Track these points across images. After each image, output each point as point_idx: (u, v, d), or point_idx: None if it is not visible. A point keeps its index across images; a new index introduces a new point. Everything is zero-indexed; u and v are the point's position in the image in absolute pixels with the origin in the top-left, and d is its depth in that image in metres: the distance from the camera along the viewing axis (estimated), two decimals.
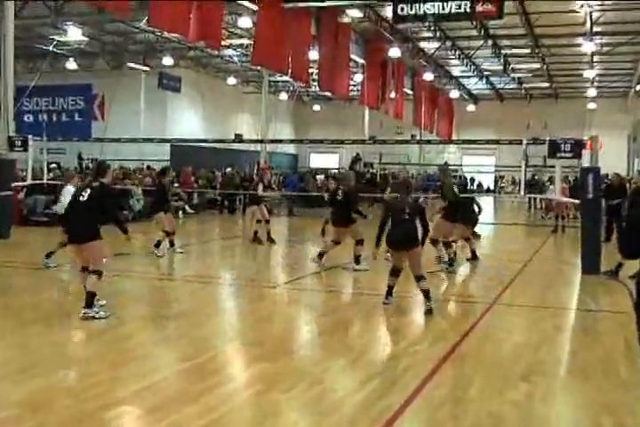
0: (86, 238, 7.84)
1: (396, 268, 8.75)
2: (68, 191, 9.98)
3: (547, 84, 41.87)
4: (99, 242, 7.88)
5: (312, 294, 10.01)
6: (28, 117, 39.63)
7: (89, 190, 7.91)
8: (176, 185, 22.29)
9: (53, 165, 21.02)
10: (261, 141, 27.29)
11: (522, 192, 17.05)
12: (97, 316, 7.62)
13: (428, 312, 8.27)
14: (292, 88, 39.83)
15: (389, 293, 8.77)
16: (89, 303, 7.66)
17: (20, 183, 17.49)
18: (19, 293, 9.24)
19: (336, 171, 37.60)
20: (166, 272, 11.95)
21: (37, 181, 17.96)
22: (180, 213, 22.67)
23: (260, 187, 15.46)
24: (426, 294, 8.45)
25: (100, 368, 5.92)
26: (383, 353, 6.88)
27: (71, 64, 35.90)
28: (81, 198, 7.90)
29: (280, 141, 26.30)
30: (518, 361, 6.47)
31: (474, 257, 13.14)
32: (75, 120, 40.43)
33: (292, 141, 42.99)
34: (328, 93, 38.85)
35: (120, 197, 20.48)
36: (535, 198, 28.77)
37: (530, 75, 39.09)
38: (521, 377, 5.94)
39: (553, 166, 15.79)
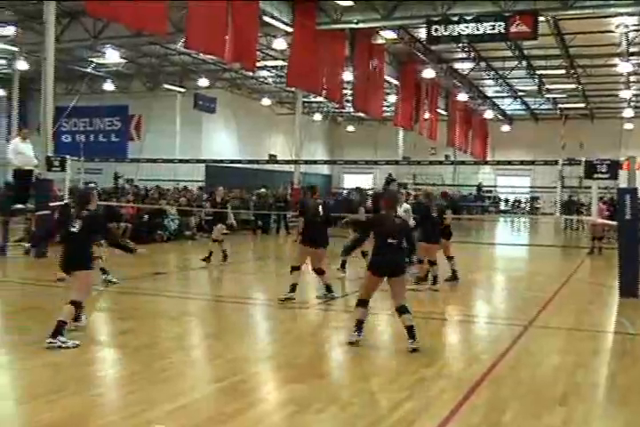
0: (74, 267, 7.68)
1: (364, 298, 7.87)
2: None
3: (582, 105, 41.57)
4: (86, 272, 7.72)
5: (344, 316, 9.96)
6: (66, 138, 40.27)
7: (79, 221, 7.77)
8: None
9: (93, 185, 21.24)
10: (295, 162, 27.38)
11: (557, 213, 16.87)
12: (64, 345, 7.14)
13: (414, 351, 7.36)
14: (325, 109, 40.04)
15: (360, 327, 7.76)
16: (56, 332, 7.20)
17: (58, 203, 17.71)
18: (54, 311, 9.31)
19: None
20: (200, 292, 11.98)
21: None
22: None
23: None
24: (410, 330, 7.48)
25: (134, 388, 5.94)
26: (416, 375, 6.80)
27: (108, 85, 36.54)
28: (72, 229, 7.76)
29: (314, 162, 26.39)
30: (555, 385, 6.36)
31: (454, 277, 12.90)
32: (111, 140, 40.99)
33: (325, 162, 43.15)
34: (362, 114, 38.99)
35: (154, 217, 20.67)
36: (572, 220, 28.48)
37: (565, 95, 38.86)
38: (558, 401, 5.83)
39: (589, 187, 15.60)
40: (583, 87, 36.18)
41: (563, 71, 32.25)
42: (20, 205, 15.88)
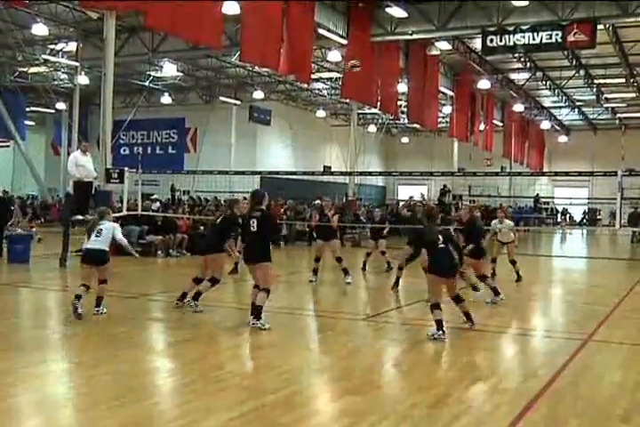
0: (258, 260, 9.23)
1: (438, 301, 8.71)
2: None
3: None
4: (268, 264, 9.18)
5: (399, 328, 9.90)
6: (124, 150, 41.06)
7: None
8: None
9: (155, 196, 21.56)
10: (350, 173, 27.42)
11: (617, 225, 16.50)
12: (262, 327, 8.78)
13: (470, 325, 8.99)
14: (380, 120, 39.97)
15: (441, 327, 8.53)
16: (257, 316, 8.87)
17: (116, 214, 18.03)
18: (112, 322, 9.48)
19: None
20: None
21: (132, 212, 18.46)
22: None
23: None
24: (467, 314, 9.05)
25: (191, 397, 5.99)
26: (472, 389, 6.71)
27: (166, 99, 37.20)
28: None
29: (369, 173, 26.37)
30: (616, 401, 6.19)
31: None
32: (168, 153, 41.64)
33: (380, 173, 43.10)
34: (416, 125, 38.88)
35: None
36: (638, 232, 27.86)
37: (624, 104, 38.17)
38: (620, 419, 5.67)
39: None
40: None
41: (622, 80, 31.72)
42: (79, 217, 16.21)
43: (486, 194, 39.49)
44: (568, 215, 46.59)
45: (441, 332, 8.48)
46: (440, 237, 8.79)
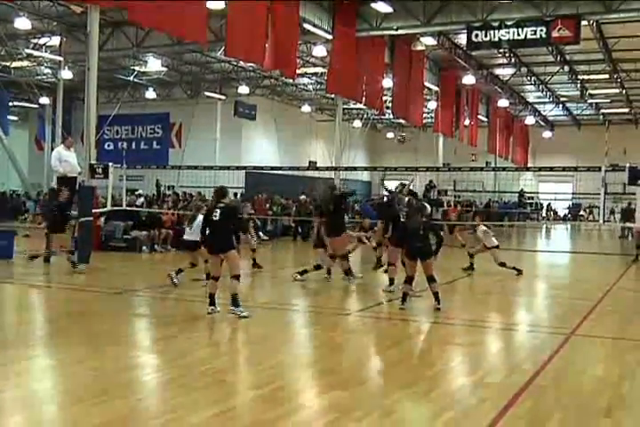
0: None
1: (410, 276, 10.36)
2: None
3: (626, 110, 41.02)
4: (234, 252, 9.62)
5: (385, 323, 9.93)
6: (109, 145, 40.87)
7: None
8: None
9: (140, 192, 21.50)
10: (335, 169, 27.40)
11: (601, 220, 16.61)
12: (241, 314, 9.23)
13: (437, 310, 9.96)
14: (365, 116, 39.97)
15: (405, 299, 10.30)
16: (235, 304, 9.43)
17: (100, 209, 17.95)
18: (97, 318, 9.45)
19: None
20: (240, 299, 12.03)
21: (117, 208, 18.39)
22: (255, 239, 22.90)
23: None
24: (436, 295, 10.10)
25: (176, 393, 5.98)
26: (457, 384, 6.74)
27: (150, 93, 37.04)
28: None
29: (354, 169, 26.34)
30: (599, 395, 6.24)
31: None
32: (153, 148, 41.49)
33: (365, 169, 43.08)
34: (402, 121, 38.91)
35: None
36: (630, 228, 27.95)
37: (608, 100, 38.39)
38: (603, 412, 5.72)
39: (633, 194, 15.38)
40: (627, 92, 35.70)
41: (606, 76, 31.87)
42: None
43: (471, 189, 39.58)
44: (552, 210, 46.81)
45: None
46: (422, 226, 10.29)
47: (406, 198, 12.57)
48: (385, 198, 17.27)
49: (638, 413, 5.90)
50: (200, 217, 11.31)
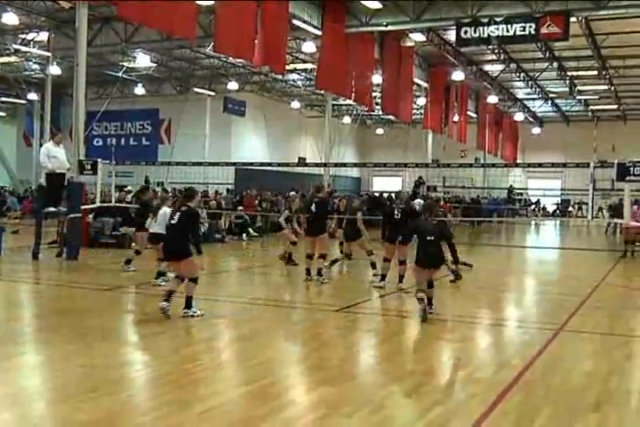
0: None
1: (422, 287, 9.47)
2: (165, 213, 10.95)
3: (614, 106, 41.15)
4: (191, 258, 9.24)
5: (374, 319, 9.94)
6: (98, 141, 40.70)
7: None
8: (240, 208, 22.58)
9: (129, 188, 21.46)
10: (325, 165, 27.42)
11: (589, 216, 16.66)
12: (195, 315, 8.97)
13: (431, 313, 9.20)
14: (355, 112, 40.00)
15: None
16: (188, 305, 9.11)
17: (89, 206, 17.88)
18: (86, 314, 9.42)
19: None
20: (230, 295, 12.02)
21: (105, 204, 18.31)
22: (244, 235, 22.94)
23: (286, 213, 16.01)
24: (430, 300, 9.35)
25: (166, 390, 5.98)
26: (446, 379, 6.77)
27: (139, 89, 36.89)
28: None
29: (344, 165, 26.37)
30: (588, 390, 6.27)
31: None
32: (142, 144, 41.38)
33: (355, 165, 43.12)
34: (391, 117, 38.93)
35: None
36: (616, 224, 28.06)
37: (597, 97, 38.51)
38: (591, 408, 5.74)
39: (621, 190, 15.43)
40: (615, 88, 35.82)
41: (594, 72, 31.96)
42: (52, 208, 16.05)
43: (460, 185, 39.60)
44: (541, 206, 46.92)
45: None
46: (432, 230, 9.38)
47: (406, 194, 12.70)
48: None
49: (626, 407, 5.94)
50: (164, 209, 11.43)
